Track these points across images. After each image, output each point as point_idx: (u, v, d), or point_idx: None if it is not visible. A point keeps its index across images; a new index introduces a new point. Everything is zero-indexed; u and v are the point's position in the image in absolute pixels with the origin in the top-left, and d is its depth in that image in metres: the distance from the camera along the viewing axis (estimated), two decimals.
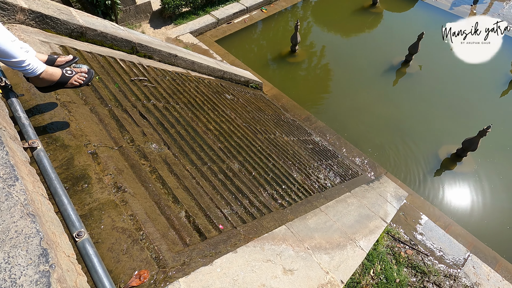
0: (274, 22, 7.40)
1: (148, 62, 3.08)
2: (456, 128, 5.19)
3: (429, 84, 6.02)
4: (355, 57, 6.62)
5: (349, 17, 7.79)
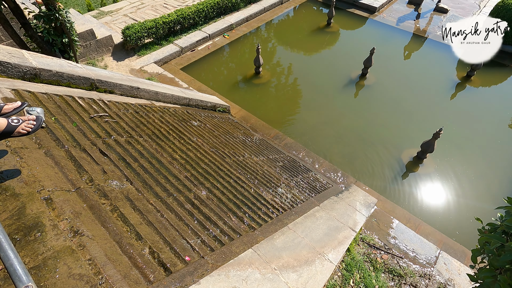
0: (237, 46, 7.67)
1: (109, 97, 3.07)
2: (414, 133, 5.56)
3: (385, 93, 6.46)
4: (317, 74, 6.98)
5: (308, 37, 8.28)
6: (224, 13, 8.18)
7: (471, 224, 4.31)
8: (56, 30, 4.41)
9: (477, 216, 1.79)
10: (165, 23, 6.78)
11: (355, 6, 9.26)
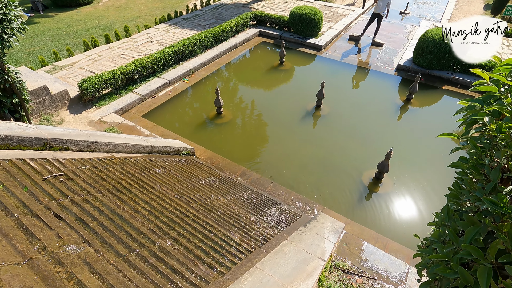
0: (198, 89, 7.94)
1: (64, 155, 3.00)
2: (370, 154, 5.98)
3: (340, 121, 6.97)
4: (276, 108, 7.38)
5: (264, 75, 8.84)
6: (182, 60, 8.53)
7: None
8: (6, 92, 4.29)
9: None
10: (123, 74, 6.88)
11: (303, 46, 10.19)
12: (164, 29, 10.37)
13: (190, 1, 13.79)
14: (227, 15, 11.84)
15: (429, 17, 14.31)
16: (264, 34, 10.88)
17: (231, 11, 12.41)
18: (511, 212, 0.82)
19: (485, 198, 0.86)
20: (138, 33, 9.99)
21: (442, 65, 8.33)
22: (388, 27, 11.79)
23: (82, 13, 12.11)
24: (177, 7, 12.77)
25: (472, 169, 1.01)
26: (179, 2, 13.74)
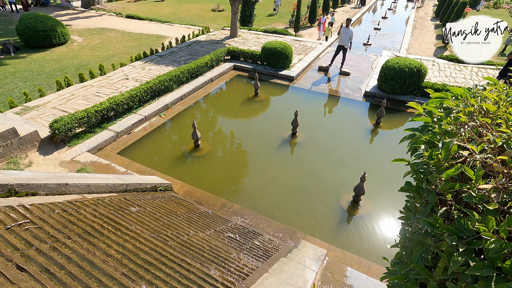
0: (175, 123, 7.98)
1: (31, 200, 2.87)
2: (347, 178, 6.15)
3: (316, 147, 7.19)
4: (253, 138, 7.52)
5: (240, 106, 9.08)
6: (159, 95, 8.63)
7: None
8: None
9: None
10: (97, 112, 6.83)
11: (277, 77, 10.69)
12: (140, 66, 10.55)
13: (165, 39, 14.25)
14: (202, 51, 12.31)
15: (390, 47, 15.62)
16: (238, 67, 11.34)
17: (206, 47, 12.92)
18: (445, 232, 0.90)
19: (424, 220, 0.95)
20: (113, 71, 10.08)
21: (405, 90, 9.00)
22: (353, 57, 12.71)
23: (55, 53, 12.12)
24: (153, 45, 13.13)
25: (415, 193, 1.10)
26: (154, 40, 14.17)
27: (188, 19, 19.35)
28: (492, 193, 0.84)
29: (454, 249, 0.86)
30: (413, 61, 8.81)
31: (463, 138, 1.02)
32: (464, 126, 1.08)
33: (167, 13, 21.12)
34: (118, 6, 23.07)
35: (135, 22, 17.71)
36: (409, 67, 8.61)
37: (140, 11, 21.39)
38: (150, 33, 15.28)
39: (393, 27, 20.28)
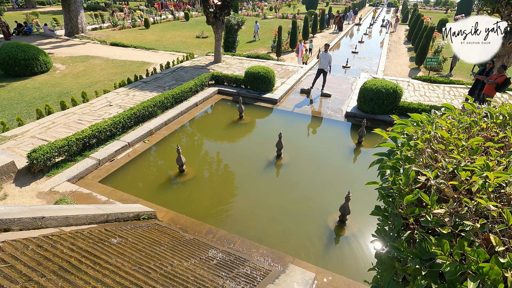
0: (159, 149, 7.91)
1: (3, 237, 2.73)
2: (333, 198, 6.20)
3: (301, 168, 7.27)
4: (239, 161, 7.53)
5: (225, 130, 9.14)
6: (143, 121, 8.60)
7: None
8: None
9: None
10: (79, 139, 6.70)
11: (260, 100, 10.93)
12: (124, 92, 10.56)
13: (150, 66, 14.43)
14: (187, 77, 12.51)
15: (367, 70, 16.41)
16: (222, 92, 11.55)
17: (190, 72, 13.15)
18: (410, 255, 0.94)
19: (391, 244, 0.99)
20: (96, 98, 10.03)
21: (383, 110, 9.38)
22: (334, 79, 13.24)
23: (37, 81, 11.99)
24: (137, 72, 13.24)
25: (383, 217, 1.15)
26: (139, 67, 14.31)
27: (172, 46, 19.78)
28: (446, 218, 0.89)
29: (419, 272, 0.89)
30: (389, 83, 9.27)
31: (421, 164, 1.09)
32: (422, 152, 1.16)
33: (152, 40, 21.53)
34: (103, 34, 23.37)
35: (119, 49, 17.92)
36: (386, 88, 9.03)
37: (125, 38, 21.73)
38: (135, 60, 15.46)
39: (370, 51, 21.43)
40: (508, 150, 1.13)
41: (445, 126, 1.24)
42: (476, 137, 1.09)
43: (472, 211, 0.89)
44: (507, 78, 8.76)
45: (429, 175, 1.00)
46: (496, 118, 1.30)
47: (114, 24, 26.55)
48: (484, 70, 9.50)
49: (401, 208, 1.02)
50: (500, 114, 1.33)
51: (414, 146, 1.16)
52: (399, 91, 9.18)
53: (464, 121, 1.28)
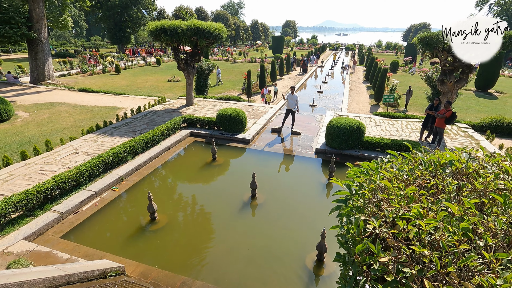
0: (129, 197, 7.58)
1: None
2: (309, 236, 6.18)
3: (276, 207, 7.27)
4: (214, 204, 7.38)
5: (198, 172, 9.05)
6: (112, 168, 8.31)
7: None
8: None
9: None
10: (39, 192, 6.27)
11: (233, 141, 11.12)
12: (92, 139, 10.27)
13: (120, 110, 14.34)
14: (158, 120, 12.53)
15: (332, 107, 17.54)
16: (195, 134, 11.64)
17: (162, 116, 13.22)
18: None
19: None
20: (61, 145, 9.63)
21: (350, 146, 9.92)
22: (302, 118, 13.94)
23: None
24: (106, 117, 13.06)
25: (343, 264, 1.22)
26: (109, 112, 14.16)
27: (144, 90, 19.98)
28: (390, 265, 0.99)
29: None
30: (353, 120, 9.95)
31: (368, 214, 1.21)
32: (369, 201, 1.29)
33: (123, 85, 21.65)
34: (71, 80, 23.17)
35: (88, 95, 17.75)
36: (350, 125, 9.66)
37: (95, 84, 21.66)
38: (104, 105, 15.31)
39: (333, 90, 23.12)
40: (437, 197, 1.29)
41: (388, 176, 1.40)
42: (412, 186, 1.24)
43: (410, 258, 0.98)
44: (453, 112, 9.81)
45: (374, 225, 1.11)
46: (429, 166, 1.49)
47: (83, 70, 26.54)
48: (432, 105, 10.58)
49: (357, 255, 1.10)
50: (431, 162, 1.53)
51: (362, 196, 1.29)
52: (362, 127, 9.85)
53: (403, 169, 1.45)
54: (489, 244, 1.01)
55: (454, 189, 1.26)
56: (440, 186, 1.32)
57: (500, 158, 1.72)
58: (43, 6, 20.01)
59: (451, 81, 10.94)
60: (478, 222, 1.07)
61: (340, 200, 1.49)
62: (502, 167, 1.54)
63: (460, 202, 1.20)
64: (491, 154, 1.79)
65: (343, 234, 1.33)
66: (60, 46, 61.96)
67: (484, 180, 1.35)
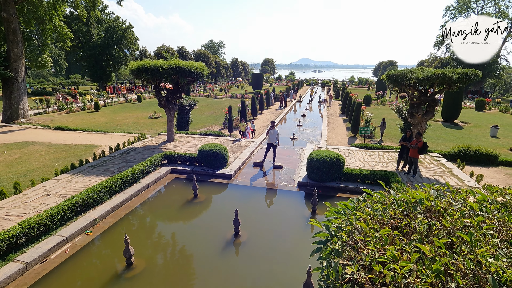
0: (104, 241, 7.11)
1: None
2: (295, 274, 5.97)
3: (261, 245, 7.05)
4: (196, 243, 7.05)
5: (179, 211, 8.74)
6: (86, 210, 7.87)
7: None
8: None
9: None
10: (2, 241, 5.76)
11: (215, 176, 10.99)
12: (66, 179, 9.80)
13: (98, 148, 13.95)
14: (138, 158, 12.26)
15: (312, 140, 18.02)
16: (176, 171, 11.43)
17: (142, 153, 12.97)
18: None
19: None
20: (32, 187, 9.09)
21: (331, 178, 10.08)
22: (283, 151, 14.16)
23: None
24: (83, 156, 12.64)
25: None
26: (85, 150, 13.74)
27: (124, 127, 19.74)
28: None
29: None
30: (332, 152, 10.23)
31: (346, 257, 1.22)
32: (347, 244, 1.32)
33: (102, 123, 21.33)
34: (47, 118, 22.59)
35: (64, 133, 17.26)
36: (330, 158, 9.90)
37: (72, 122, 21.21)
38: (81, 144, 14.88)
39: (312, 123, 23.93)
40: (409, 237, 1.34)
41: (363, 216, 1.44)
42: (386, 227, 1.28)
43: None
44: (424, 143, 10.37)
45: (352, 269, 1.12)
46: (401, 205, 1.56)
47: (60, 108, 26.05)
48: (405, 136, 11.16)
49: None
50: (403, 201, 1.61)
51: (340, 238, 1.31)
52: (342, 159, 10.12)
53: (377, 208, 1.50)
54: (460, 286, 1.04)
55: (425, 228, 1.31)
56: (412, 226, 1.37)
57: (465, 194, 1.83)
58: (22, 46, 20.04)
59: (420, 114, 11.71)
60: (449, 262, 1.10)
61: (320, 241, 1.49)
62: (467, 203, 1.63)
63: (431, 242, 1.24)
64: (457, 190, 1.90)
65: (324, 279, 1.32)
66: (37, 84, 61.16)
67: (451, 218, 1.42)
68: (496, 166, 12.51)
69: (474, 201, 1.62)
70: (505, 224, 1.40)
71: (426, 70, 10.80)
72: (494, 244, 1.24)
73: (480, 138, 18.54)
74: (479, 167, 12.28)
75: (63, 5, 21.18)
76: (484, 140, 17.78)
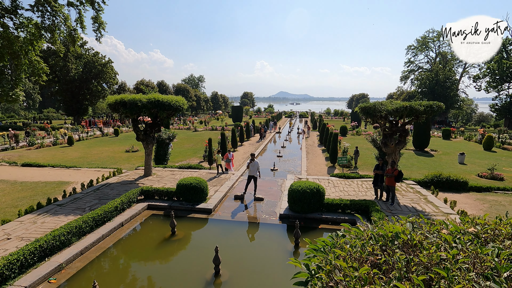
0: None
1: None
2: None
3: (243, 284, 6.68)
4: (173, 285, 6.54)
5: (155, 250, 8.20)
6: (51, 254, 7.20)
7: None
8: None
9: None
10: None
11: (194, 211, 10.60)
12: (30, 220, 9.03)
13: (69, 185, 13.19)
14: (112, 194, 11.66)
15: (293, 171, 18.13)
16: (153, 206, 10.93)
17: (116, 189, 12.37)
18: None
19: None
20: None
21: (312, 209, 10.03)
22: (264, 183, 14.07)
23: None
24: (51, 194, 11.84)
25: None
26: (55, 188, 12.92)
27: (98, 162, 18.98)
28: None
29: None
30: (312, 183, 10.28)
31: None
32: (327, 285, 1.28)
33: (75, 158, 20.42)
34: (14, 154, 21.34)
35: (32, 170, 16.27)
36: (310, 189, 9.93)
37: (42, 157, 20.15)
38: (51, 180, 14.03)
39: (292, 154, 24.26)
40: (388, 275, 1.33)
41: (342, 254, 1.42)
42: (365, 266, 1.27)
43: None
44: (400, 171, 10.74)
45: None
46: (379, 240, 1.56)
47: (30, 143, 24.83)
48: (378, 165, 11.52)
49: None
50: (380, 236, 1.62)
51: (320, 280, 1.27)
52: (322, 190, 10.17)
53: (356, 244, 1.49)
54: None
55: (403, 264, 1.31)
56: (390, 262, 1.35)
57: (439, 226, 1.87)
58: None
59: (392, 143, 12.26)
60: None
61: (301, 282, 1.43)
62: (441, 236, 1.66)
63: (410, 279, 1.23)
64: (431, 222, 1.95)
65: None
66: (6, 118, 58.52)
67: (427, 252, 1.43)
68: (467, 192, 13.08)
69: (448, 233, 1.65)
70: (479, 257, 1.42)
71: (395, 102, 11.54)
72: (470, 278, 1.25)
73: (449, 165, 19.53)
74: (451, 193, 12.78)
75: (40, 41, 21.05)
76: (453, 167, 18.72)
